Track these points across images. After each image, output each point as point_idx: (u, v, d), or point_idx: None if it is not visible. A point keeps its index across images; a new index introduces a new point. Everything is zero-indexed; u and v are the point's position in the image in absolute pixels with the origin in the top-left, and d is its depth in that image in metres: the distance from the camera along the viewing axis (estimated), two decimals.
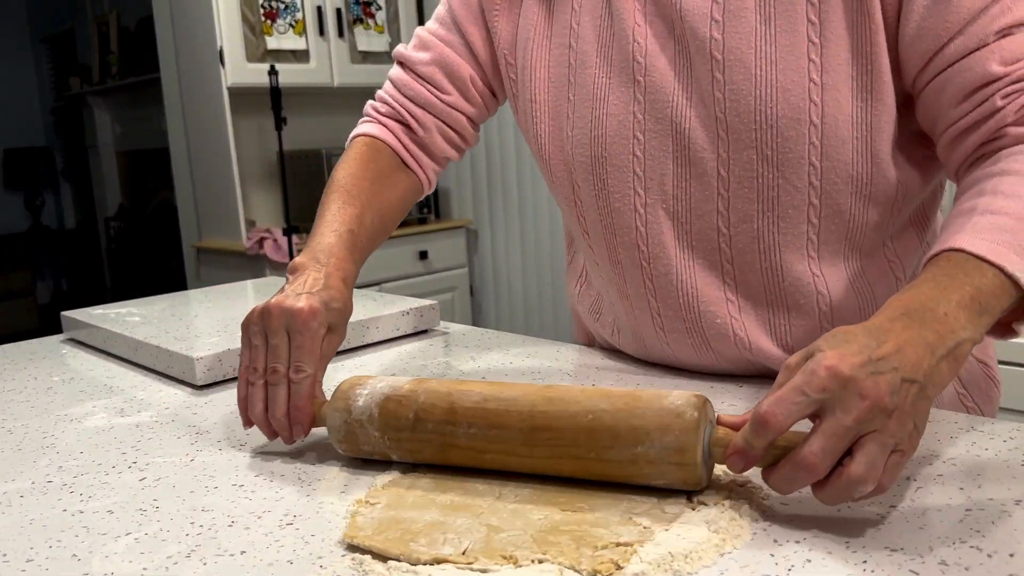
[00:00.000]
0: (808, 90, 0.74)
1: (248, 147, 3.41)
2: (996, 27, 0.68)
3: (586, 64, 0.84)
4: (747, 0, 0.75)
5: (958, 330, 0.55)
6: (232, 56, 3.08)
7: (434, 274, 3.56)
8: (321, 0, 3.31)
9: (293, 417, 0.69)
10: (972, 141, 0.71)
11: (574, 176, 0.86)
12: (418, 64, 0.95)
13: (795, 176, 0.76)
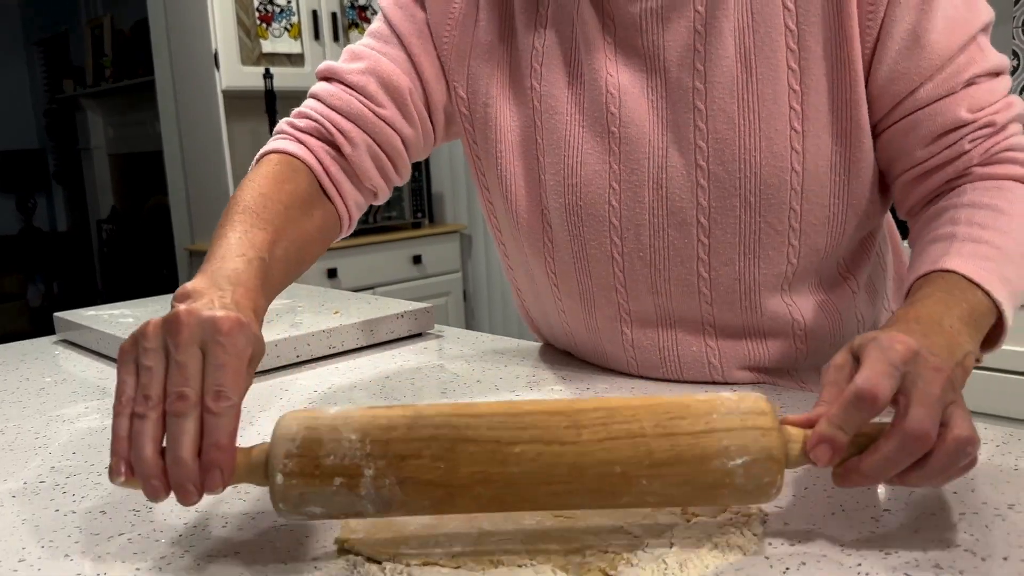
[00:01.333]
0: (790, 138, 0.75)
1: (242, 150, 3.41)
2: (965, 76, 0.72)
3: (556, 110, 0.81)
4: (728, 49, 0.75)
5: (963, 343, 0.56)
6: (227, 59, 3.08)
7: (428, 279, 3.56)
8: (317, 4, 3.31)
9: (209, 459, 0.50)
10: (937, 179, 0.74)
11: (547, 221, 0.84)
12: (348, 74, 0.82)
13: (777, 220, 0.77)
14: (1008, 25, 2.26)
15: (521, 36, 0.83)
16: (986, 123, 0.72)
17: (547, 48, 0.82)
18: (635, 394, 0.84)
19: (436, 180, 3.83)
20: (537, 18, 0.83)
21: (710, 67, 0.75)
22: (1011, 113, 0.73)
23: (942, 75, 0.72)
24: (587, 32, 0.79)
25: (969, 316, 0.59)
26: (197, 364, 0.51)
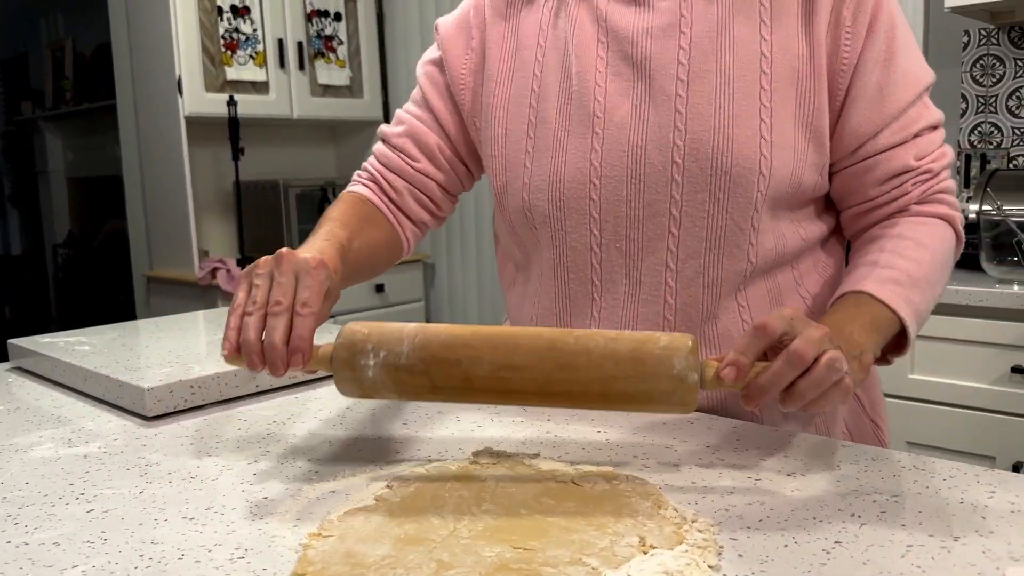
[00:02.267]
0: (759, 145, 0.84)
1: (204, 176, 3.39)
2: (914, 128, 0.86)
3: (546, 120, 0.92)
4: (709, 64, 0.85)
5: (860, 342, 0.73)
6: (190, 85, 3.07)
7: (391, 307, 3.55)
8: (283, 33, 3.32)
9: (294, 345, 0.69)
10: (881, 213, 0.89)
11: (532, 220, 0.93)
12: (392, 136, 1.03)
13: (741, 218, 0.85)
14: (957, 69, 2.34)
15: (526, 51, 0.95)
16: (926, 169, 0.87)
17: (547, 61, 0.93)
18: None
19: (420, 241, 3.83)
20: (540, 34, 0.95)
21: (692, 77, 0.85)
22: (945, 161, 0.89)
23: (897, 124, 0.86)
24: (583, 42, 0.90)
25: (870, 324, 0.76)
26: (292, 284, 0.71)
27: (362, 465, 0.76)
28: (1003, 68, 2.26)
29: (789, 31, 0.85)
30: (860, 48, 0.85)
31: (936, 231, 0.86)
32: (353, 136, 3.86)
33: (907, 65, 0.86)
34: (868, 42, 0.85)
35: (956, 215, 0.89)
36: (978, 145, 2.32)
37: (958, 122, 2.35)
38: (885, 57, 0.85)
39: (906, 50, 0.87)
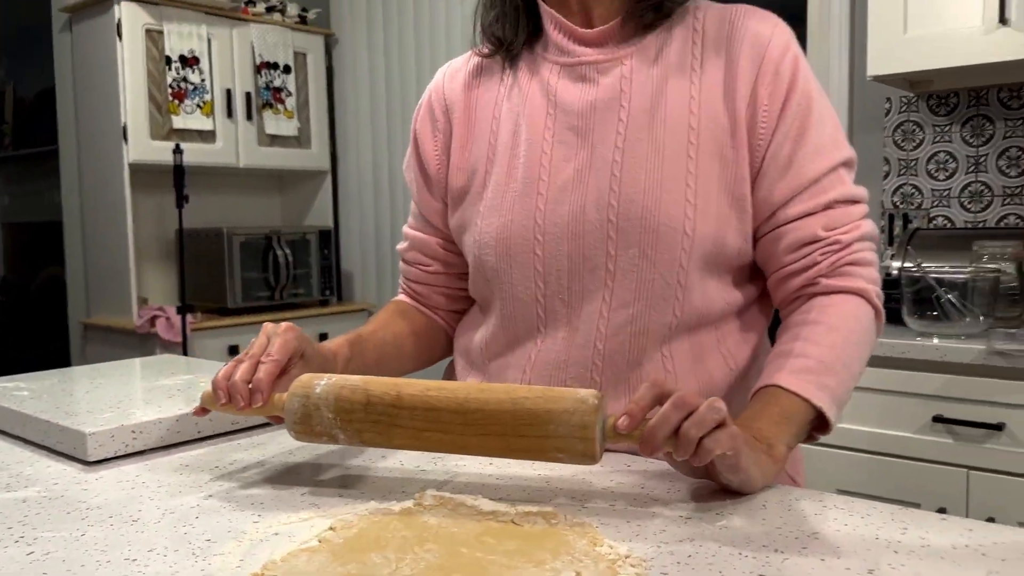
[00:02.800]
0: (684, 207, 0.90)
1: (146, 223, 3.36)
2: (824, 199, 0.92)
3: (497, 182, 1.00)
4: (643, 134, 0.93)
5: (769, 436, 0.79)
6: (136, 133, 3.06)
7: None
8: (231, 84, 3.34)
9: (254, 385, 0.82)
10: (795, 283, 0.94)
11: (484, 272, 1.00)
12: (403, 253, 1.17)
13: (668, 273, 0.91)
14: (880, 134, 2.47)
15: (483, 122, 1.03)
16: (835, 240, 0.92)
17: (501, 130, 1.01)
18: None
19: (346, 258, 3.85)
20: (496, 106, 1.03)
21: (628, 146, 0.93)
22: (857, 234, 0.93)
23: (807, 194, 0.92)
24: (533, 113, 0.98)
25: (780, 416, 0.82)
26: (264, 342, 0.87)
27: (306, 507, 0.77)
28: (922, 134, 2.40)
29: (715, 107, 0.93)
30: (775, 124, 0.92)
31: (848, 309, 0.91)
32: (300, 185, 3.88)
33: (820, 140, 0.92)
34: (782, 118, 0.92)
35: (870, 288, 0.93)
36: (900, 205, 2.44)
37: (881, 183, 2.47)
38: (797, 133, 0.92)
39: (820, 127, 0.93)
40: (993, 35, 1.95)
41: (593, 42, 0.97)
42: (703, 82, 0.94)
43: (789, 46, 0.95)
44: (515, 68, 1.03)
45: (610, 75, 0.96)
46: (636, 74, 0.95)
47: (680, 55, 0.96)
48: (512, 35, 1.02)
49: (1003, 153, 2.28)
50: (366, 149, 3.68)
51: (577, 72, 0.98)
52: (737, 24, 0.96)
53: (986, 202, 2.31)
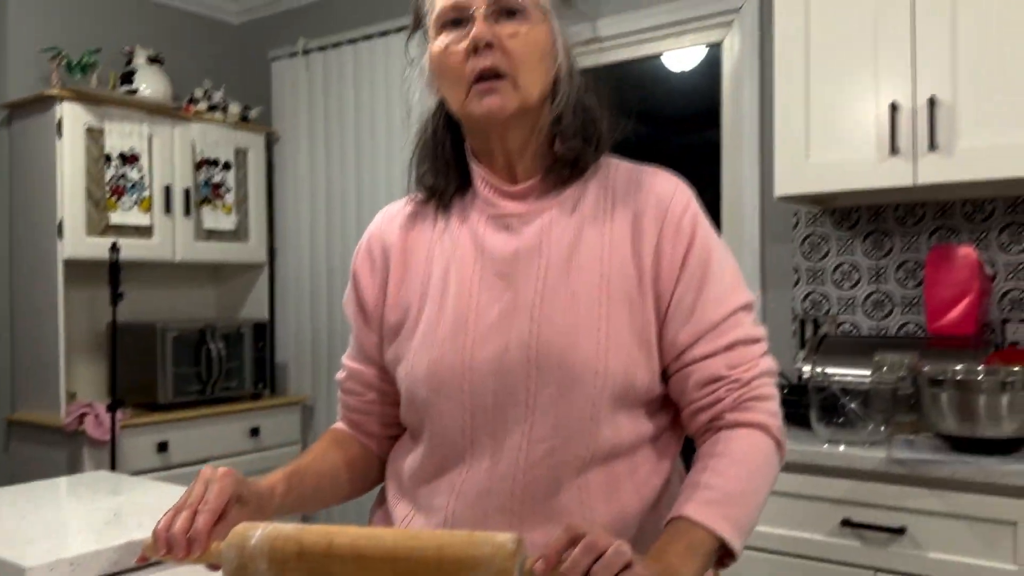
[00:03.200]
0: (597, 349, 0.99)
1: (77, 316, 3.34)
2: (725, 341, 1.02)
3: (429, 320, 1.07)
4: (561, 281, 1.03)
5: (677, 568, 0.86)
6: (72, 229, 3.08)
7: (265, 451, 3.51)
8: (171, 180, 3.39)
9: (191, 535, 0.88)
10: (704, 418, 1.03)
11: (415, 405, 1.06)
12: (341, 382, 1.22)
13: (582, 408, 0.99)
14: (790, 245, 2.65)
15: (417, 264, 1.11)
16: (737, 378, 1.01)
17: (433, 272, 1.09)
18: None
19: (281, 350, 3.86)
20: (429, 249, 1.11)
21: (547, 292, 1.02)
22: (757, 371, 1.03)
23: (710, 336, 1.02)
24: (463, 258, 1.07)
25: (687, 548, 0.89)
26: (201, 490, 0.93)
27: None
28: (828, 246, 2.58)
29: (623, 257, 1.04)
30: (678, 274, 1.03)
31: (751, 442, 1.00)
32: (236, 278, 3.90)
33: (720, 288, 1.04)
34: (683, 270, 1.03)
35: (771, 422, 1.01)
36: (810, 311, 2.60)
37: (792, 291, 2.64)
38: (699, 282, 1.03)
39: (719, 275, 1.04)
40: (885, 163, 2.14)
41: (516, 196, 1.08)
42: (613, 234, 1.05)
43: (689, 204, 1.07)
44: (447, 214, 1.12)
45: (532, 225, 1.06)
46: (555, 225, 1.06)
47: (594, 209, 1.07)
48: (443, 185, 1.12)
49: (901, 265, 2.46)
50: (304, 242, 3.75)
51: (502, 222, 1.08)
52: (644, 183, 1.08)
53: (888, 310, 2.48)
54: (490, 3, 1.01)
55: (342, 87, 3.63)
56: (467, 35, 1.01)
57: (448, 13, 1.03)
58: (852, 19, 2.18)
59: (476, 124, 1.06)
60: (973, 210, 2.35)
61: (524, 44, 1.01)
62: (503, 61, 1.00)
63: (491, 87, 1.00)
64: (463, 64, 1.01)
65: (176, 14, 3.86)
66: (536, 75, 1.03)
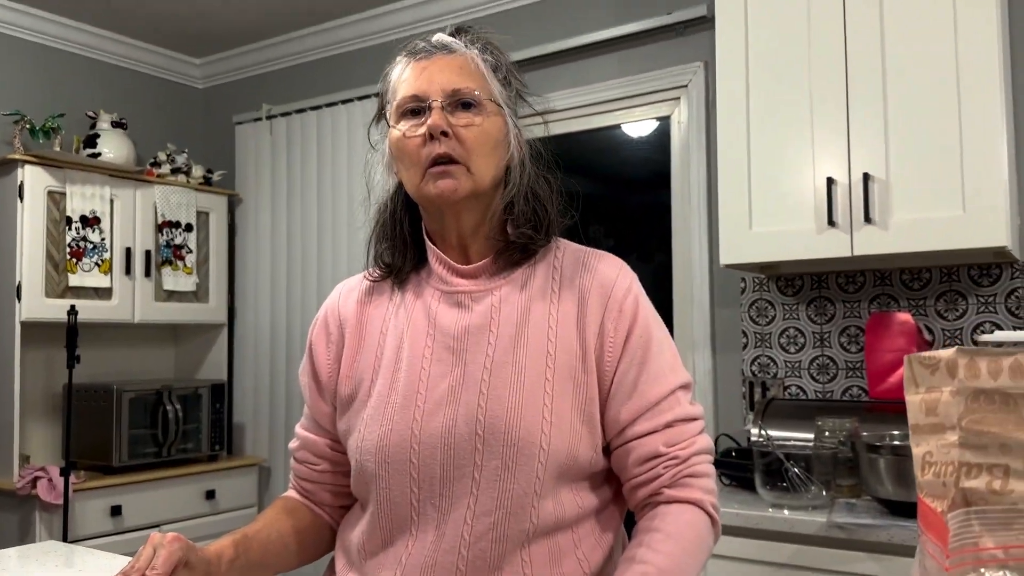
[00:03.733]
0: (542, 424, 1.04)
1: (33, 378, 3.32)
2: (664, 419, 1.07)
3: (380, 393, 1.11)
4: (508, 357, 1.07)
5: None
6: (30, 291, 3.08)
7: (221, 515, 3.48)
8: (131, 242, 3.41)
9: None
10: (643, 493, 1.08)
11: (364, 477, 1.09)
12: (294, 452, 1.26)
13: (526, 484, 1.03)
14: (737, 310, 2.73)
15: (371, 336, 1.16)
16: (674, 456, 1.07)
17: (386, 345, 1.13)
18: None
19: (238, 411, 3.85)
20: (383, 323, 1.16)
21: (495, 368, 1.06)
22: (694, 448, 1.08)
23: (649, 414, 1.07)
24: (415, 333, 1.11)
25: None
26: (150, 555, 0.96)
27: None
28: (773, 311, 2.67)
29: (569, 336, 1.09)
30: (619, 354, 1.09)
31: (686, 518, 1.04)
32: (195, 338, 3.90)
33: (659, 368, 1.09)
34: (625, 350, 1.09)
35: (706, 499, 1.06)
36: (759, 374, 2.68)
37: (741, 354, 2.71)
38: (640, 361, 1.09)
39: (660, 356, 1.10)
40: (824, 234, 2.24)
41: (469, 275, 1.14)
42: (560, 313, 1.10)
43: (631, 288, 1.13)
44: (403, 290, 1.18)
45: (482, 303, 1.11)
46: (504, 304, 1.11)
47: (542, 288, 1.12)
48: (400, 263, 1.17)
49: (844, 331, 2.55)
50: (264, 303, 3.77)
51: (454, 299, 1.13)
52: (589, 265, 1.14)
53: (832, 374, 2.56)
54: (447, 95, 1.08)
55: (305, 152, 3.70)
56: (424, 123, 1.08)
57: (408, 102, 1.10)
58: (790, 98, 2.30)
59: (431, 205, 1.12)
60: (911, 278, 2.46)
61: (477, 134, 1.08)
62: (457, 148, 1.07)
63: (445, 171, 1.07)
64: (420, 149, 1.08)
65: (142, 78, 3.93)
66: (488, 162, 1.10)
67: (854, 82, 2.21)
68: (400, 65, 1.15)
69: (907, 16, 2.15)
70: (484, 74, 1.12)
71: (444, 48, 1.12)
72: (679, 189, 2.87)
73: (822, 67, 2.26)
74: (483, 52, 1.13)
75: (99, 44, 3.72)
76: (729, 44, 2.40)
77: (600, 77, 3.02)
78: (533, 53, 3.07)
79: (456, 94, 1.08)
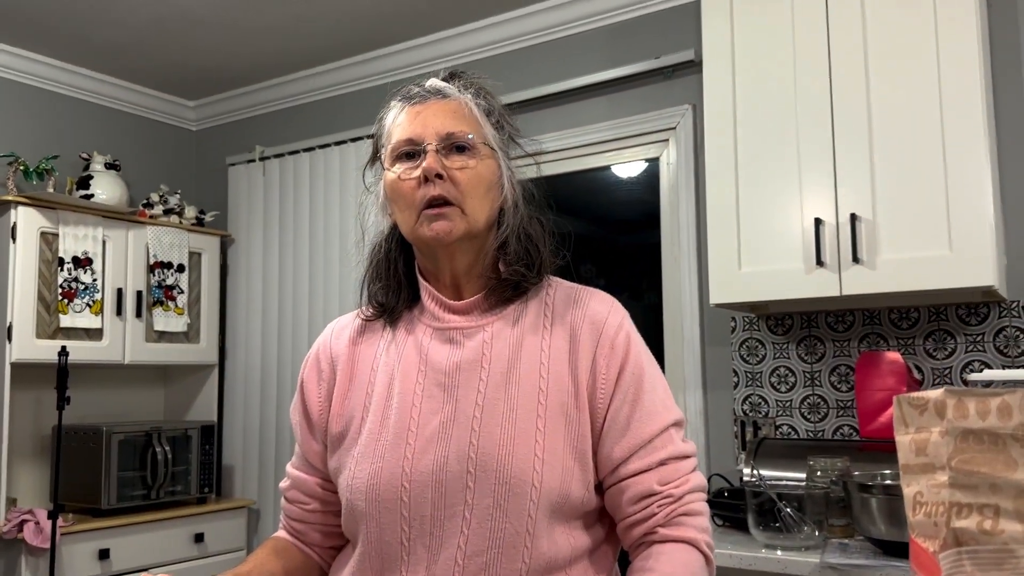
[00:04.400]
0: (533, 462, 1.03)
1: (21, 419, 3.30)
2: (658, 457, 1.07)
3: (371, 431, 1.11)
4: (500, 393, 1.07)
5: None
6: (21, 333, 3.07)
7: (209, 558, 3.44)
8: (123, 283, 3.41)
9: None
10: (637, 532, 1.07)
11: (354, 515, 1.09)
12: (285, 491, 1.25)
13: (518, 523, 1.02)
14: (728, 349, 2.75)
15: (362, 374, 1.16)
16: (668, 494, 1.06)
17: (377, 382, 1.14)
18: None
19: (228, 452, 3.82)
20: (375, 360, 1.16)
21: (487, 404, 1.06)
22: (688, 487, 1.07)
23: (643, 452, 1.07)
24: (406, 369, 1.11)
25: None
26: None
27: None
28: (764, 350, 2.68)
29: (561, 373, 1.09)
30: (612, 391, 1.09)
31: (680, 558, 1.03)
32: (185, 378, 3.89)
33: (651, 405, 1.09)
34: (618, 386, 1.09)
35: (701, 537, 1.06)
36: (750, 413, 2.68)
37: (732, 393, 2.72)
38: (632, 398, 1.08)
39: (652, 393, 1.10)
40: (812, 274, 2.27)
41: (461, 311, 1.14)
42: (552, 349, 1.10)
43: (623, 324, 1.14)
44: (395, 327, 1.18)
45: (474, 339, 1.12)
46: (496, 340, 1.11)
47: (533, 325, 1.13)
48: (394, 302, 1.18)
49: (834, 370, 2.57)
50: (255, 344, 3.76)
51: (446, 335, 1.13)
52: (581, 302, 1.15)
53: (823, 413, 2.57)
54: (441, 139, 1.10)
55: (297, 193, 3.72)
56: (419, 166, 1.09)
57: (403, 146, 1.12)
58: (777, 139, 2.34)
59: (425, 246, 1.13)
60: (899, 317, 2.48)
61: (471, 176, 1.10)
62: (451, 190, 1.09)
63: (440, 212, 1.08)
64: (415, 192, 1.09)
65: (136, 120, 3.96)
66: (482, 204, 1.11)
67: (840, 123, 2.25)
68: (395, 110, 1.16)
69: (891, 58, 2.20)
70: (477, 118, 1.13)
71: (438, 93, 1.14)
72: (668, 229, 2.90)
73: (808, 109, 2.30)
74: (476, 97, 1.16)
75: (94, 87, 3.76)
76: (716, 87, 2.44)
77: (590, 119, 3.06)
78: (525, 96, 3.12)
79: (450, 137, 1.10)
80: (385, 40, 3.42)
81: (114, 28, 3.29)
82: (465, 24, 3.30)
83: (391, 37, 3.40)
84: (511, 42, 3.27)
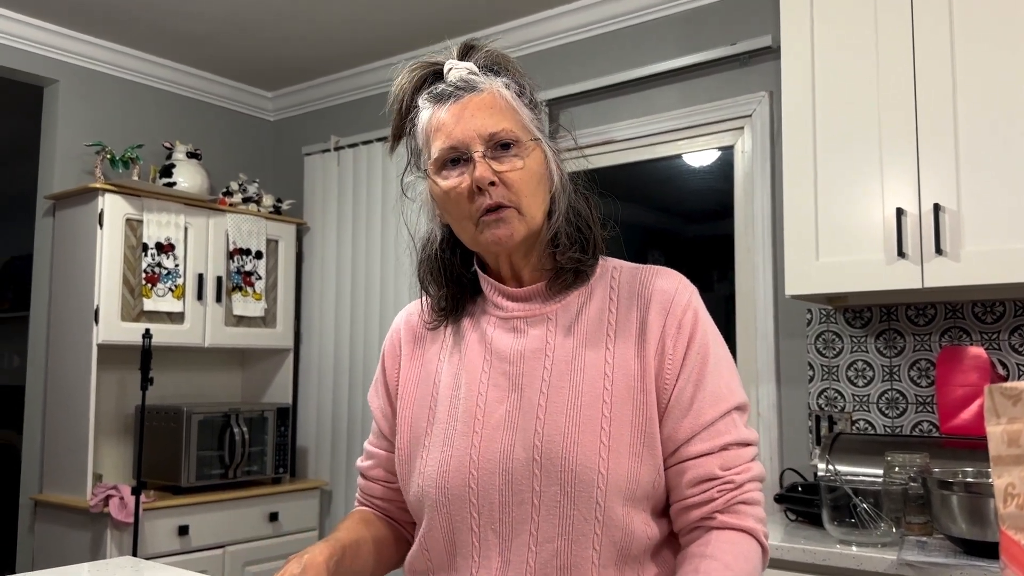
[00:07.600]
0: (599, 450, 1.03)
1: (106, 399, 3.43)
2: (721, 442, 1.05)
3: (439, 420, 1.12)
4: (564, 381, 1.06)
5: None
6: (107, 315, 3.19)
7: (283, 537, 3.53)
8: (204, 269, 3.52)
9: None
10: (694, 515, 1.05)
11: (423, 504, 1.10)
12: (367, 470, 1.28)
13: (586, 509, 1.02)
14: (803, 341, 2.69)
15: (429, 365, 1.18)
16: (729, 480, 1.04)
17: (444, 373, 1.15)
18: None
19: (302, 434, 3.91)
20: (440, 353, 1.18)
21: (551, 391, 1.06)
22: (749, 475, 1.06)
23: (706, 434, 1.05)
24: (472, 359, 1.12)
25: None
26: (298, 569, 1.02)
27: None
28: (841, 343, 2.62)
29: (627, 356, 1.08)
30: (678, 370, 1.07)
31: (741, 548, 1.02)
32: (262, 362, 3.99)
33: (716, 387, 1.07)
34: (684, 366, 1.07)
35: (758, 528, 1.04)
36: (825, 408, 2.63)
37: (807, 387, 2.67)
38: (697, 379, 1.07)
39: (717, 374, 1.08)
40: (893, 265, 2.20)
41: (522, 299, 1.14)
42: (618, 334, 1.09)
43: (691, 302, 1.11)
44: (459, 317, 1.19)
45: (538, 327, 1.12)
46: (560, 327, 1.11)
47: (598, 309, 1.12)
48: (454, 305, 1.18)
49: (914, 364, 2.49)
50: (329, 329, 3.84)
51: (510, 324, 1.14)
52: (647, 282, 1.13)
53: (901, 409, 2.50)
54: (485, 141, 1.06)
55: (370, 182, 3.78)
56: (468, 174, 1.07)
57: (447, 154, 1.08)
58: (858, 127, 2.27)
59: (487, 252, 1.13)
60: (983, 311, 2.39)
61: (523, 176, 1.08)
62: (506, 195, 1.07)
63: (499, 218, 1.07)
64: (469, 203, 1.07)
65: (216, 111, 4.07)
66: (537, 200, 1.10)
67: (924, 111, 2.18)
68: (427, 111, 1.11)
69: (978, 43, 2.12)
70: (514, 106, 1.10)
71: (469, 87, 1.09)
72: (742, 219, 2.86)
73: (891, 96, 2.23)
74: (502, 77, 1.11)
75: (176, 78, 3.88)
76: (795, 73, 2.39)
77: (664, 107, 3.03)
78: (597, 84, 3.10)
79: (494, 138, 1.07)
80: (459, 29, 3.44)
81: (194, 20, 3.38)
82: (540, 11, 3.30)
83: (465, 26, 3.42)
84: (585, 30, 3.25)
